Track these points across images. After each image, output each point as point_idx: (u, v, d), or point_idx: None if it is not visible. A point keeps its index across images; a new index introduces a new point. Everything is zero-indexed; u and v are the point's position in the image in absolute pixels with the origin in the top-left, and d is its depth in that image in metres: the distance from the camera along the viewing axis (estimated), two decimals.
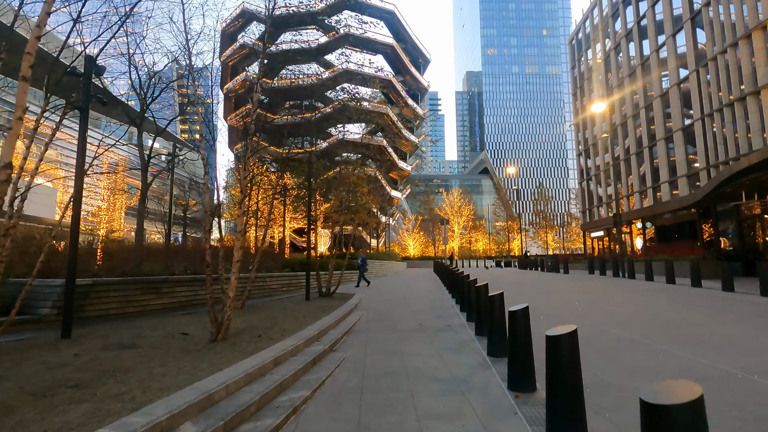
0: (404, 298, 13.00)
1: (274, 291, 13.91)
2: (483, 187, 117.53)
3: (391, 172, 58.98)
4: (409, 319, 8.91)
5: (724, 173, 16.45)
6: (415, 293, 14.66)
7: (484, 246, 64.81)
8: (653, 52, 26.93)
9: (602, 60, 34.25)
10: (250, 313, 9.07)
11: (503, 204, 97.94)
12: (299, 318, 8.35)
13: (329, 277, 13.54)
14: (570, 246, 61.78)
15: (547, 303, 10.81)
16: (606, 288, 14.76)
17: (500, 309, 5.57)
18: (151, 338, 6.17)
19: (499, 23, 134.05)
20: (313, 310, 9.66)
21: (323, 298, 12.74)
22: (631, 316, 8.54)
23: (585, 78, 37.90)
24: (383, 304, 11.83)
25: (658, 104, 26.76)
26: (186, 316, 8.78)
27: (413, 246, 56.92)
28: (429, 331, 7.39)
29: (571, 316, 8.59)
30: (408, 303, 11.82)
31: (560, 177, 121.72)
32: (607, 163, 33.69)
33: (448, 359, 5.43)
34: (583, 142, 38.88)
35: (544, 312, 9.08)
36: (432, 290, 15.54)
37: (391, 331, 7.50)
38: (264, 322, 7.65)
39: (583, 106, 38.68)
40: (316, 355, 5.62)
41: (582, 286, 16.06)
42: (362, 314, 9.76)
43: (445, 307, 10.65)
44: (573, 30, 41.16)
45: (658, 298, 11.42)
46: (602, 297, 12.24)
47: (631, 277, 18.20)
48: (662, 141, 26.12)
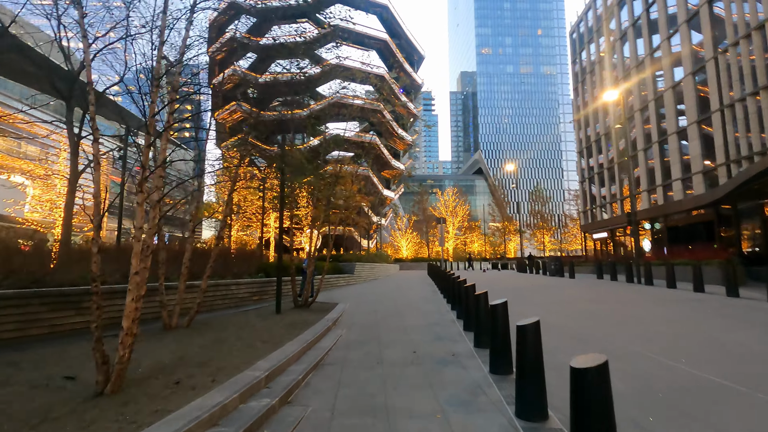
0: (396, 309, 11.01)
1: (243, 301, 11.84)
2: (477, 187, 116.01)
3: (384, 171, 57.07)
4: (400, 341, 6.92)
5: (753, 169, 14.73)
6: (409, 301, 12.68)
7: (479, 247, 63.02)
8: (664, 41, 25.25)
9: (607, 52, 32.62)
10: (192, 335, 7.02)
11: (497, 205, 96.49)
12: (255, 343, 6.33)
13: (307, 284, 11.51)
14: (567, 247, 60.24)
15: (568, 318, 8.88)
16: (629, 297, 12.87)
17: (535, 346, 3.60)
18: (10, 387, 4.11)
19: (494, 22, 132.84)
20: (278, 330, 7.64)
21: (298, 310, 10.71)
22: (683, 339, 6.61)
23: (587, 72, 36.26)
24: (370, 316, 9.82)
25: (669, 96, 25.04)
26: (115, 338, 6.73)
27: (406, 247, 54.97)
28: (427, 365, 5.40)
29: (625, 344, 6.65)
30: (400, 315, 9.83)
31: (555, 178, 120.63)
32: (611, 160, 32.04)
33: (458, 426, 3.45)
34: (584, 139, 37.23)
35: (578, 335, 7.15)
36: (427, 298, 13.56)
37: (376, 365, 5.50)
38: (200, 354, 5.61)
39: (584, 102, 37.05)
40: (257, 417, 3.61)
41: (599, 294, 14.17)
42: (341, 334, 7.75)
43: (445, 322, 8.68)
44: (573, 22, 39.53)
45: (700, 312, 9.54)
46: (631, 310, 10.33)
47: (648, 283, 16.37)
48: (674, 136, 24.43)
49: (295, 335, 7.06)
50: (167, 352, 5.66)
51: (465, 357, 5.76)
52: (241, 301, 11.74)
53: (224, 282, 11.02)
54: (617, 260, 24.23)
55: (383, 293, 15.94)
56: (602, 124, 33.63)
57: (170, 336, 6.94)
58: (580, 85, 37.96)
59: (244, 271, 13.15)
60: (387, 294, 15.48)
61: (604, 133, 33.36)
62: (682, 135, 24.04)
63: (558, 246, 58.47)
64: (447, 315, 9.71)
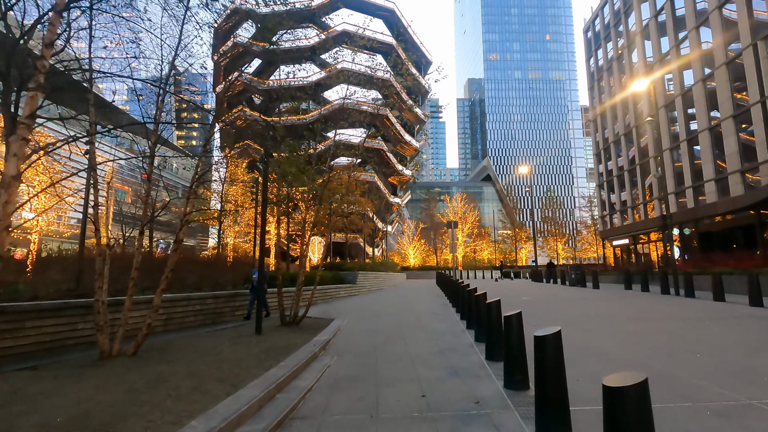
0: (400, 328, 9.24)
1: (222, 316, 10.17)
2: (485, 194, 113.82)
3: (391, 177, 55.51)
4: (404, 378, 5.17)
5: None
6: (416, 317, 10.91)
7: (489, 255, 60.85)
8: (691, 30, 23.41)
9: (626, 48, 30.83)
10: (129, 369, 5.34)
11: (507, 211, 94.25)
12: (207, 383, 4.63)
13: (296, 298, 9.82)
14: (581, 255, 57.82)
15: (615, 342, 7.06)
16: (677, 314, 10.95)
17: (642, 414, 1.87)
18: None
19: (501, 28, 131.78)
20: (248, 359, 5.94)
21: (285, 329, 9.02)
22: None
23: (604, 70, 34.43)
24: (368, 338, 8.08)
25: (699, 90, 23.05)
26: (19, 373, 5.08)
27: (413, 255, 53.06)
28: (442, 422, 3.66)
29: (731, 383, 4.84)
30: (405, 337, 8.07)
31: (566, 184, 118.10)
32: (632, 161, 29.98)
33: None
34: (602, 141, 35.27)
35: (644, 370, 5.33)
36: (437, 313, 11.78)
37: (368, 421, 3.77)
38: (116, 404, 3.91)
39: (601, 102, 35.18)
40: None
41: (639, 309, 12.27)
42: (329, 364, 6.03)
43: (461, 347, 6.92)
44: (587, 19, 37.85)
45: None
46: (692, 333, 8.46)
47: (688, 294, 14.40)
48: (705, 132, 22.44)
49: (266, 368, 5.36)
50: (70, 402, 3.98)
51: (494, 405, 4.01)
52: (219, 316, 10.07)
53: (198, 295, 9.37)
54: (647, 268, 22.17)
55: (387, 306, 14.17)
56: (622, 124, 31.65)
57: (100, 371, 5.27)
58: (596, 84, 36.12)
59: (228, 282, 11.51)
60: (391, 307, 13.71)
61: (623, 134, 31.38)
62: (716, 130, 21.98)
63: (572, 254, 56.09)
64: (462, 336, 7.94)
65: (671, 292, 15.68)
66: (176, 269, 9.80)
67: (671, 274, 15.75)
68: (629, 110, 30.42)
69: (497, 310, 5.99)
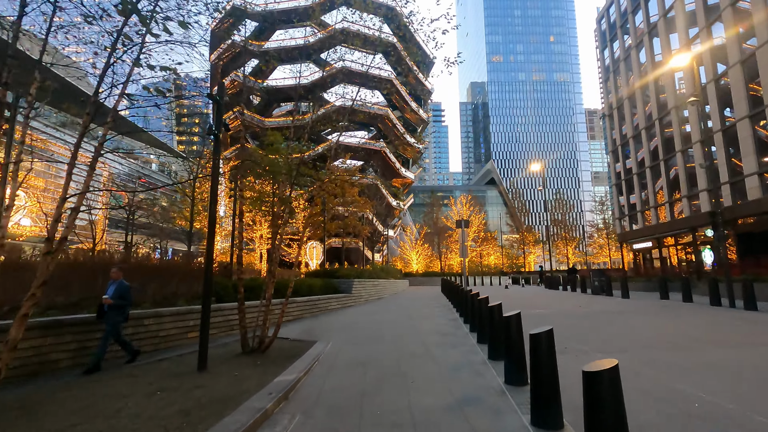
0: (398, 361, 6.82)
1: (167, 340, 7.81)
2: (489, 198, 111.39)
3: (393, 179, 53.29)
4: None
5: None
6: (421, 340, 8.49)
7: (495, 260, 58.21)
8: (726, 8, 21.03)
9: (646, 34, 28.48)
10: None
11: (512, 215, 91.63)
12: None
13: (264, 315, 7.47)
14: (592, 260, 55.14)
15: (719, 386, 4.65)
16: (763, 335, 8.52)
17: None
18: None
19: (504, 30, 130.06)
20: None
21: (243, 360, 6.66)
22: None
23: (621, 60, 32.06)
24: (354, 378, 5.68)
25: (737, 73, 20.57)
26: None
27: (416, 260, 50.57)
28: None
29: None
30: (405, 377, 5.66)
31: (573, 187, 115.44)
32: (654, 154, 27.43)
33: None
34: (618, 136, 32.83)
35: None
36: (447, 332, 9.35)
37: None
38: None
39: (618, 96, 32.80)
40: None
41: (710, 329, 9.84)
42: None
43: (489, 395, 4.52)
44: (601, 8, 35.59)
45: None
46: None
47: (749, 307, 11.93)
48: (745, 121, 19.99)
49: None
50: None
51: None
52: (164, 340, 7.71)
53: (140, 312, 7.03)
54: (687, 274, 19.67)
55: (385, 322, 11.77)
56: (642, 117, 29.17)
57: None
58: (612, 77, 33.74)
59: (181, 295, 9.17)
60: (390, 324, 11.30)
61: (644, 127, 28.91)
62: (757, 118, 19.51)
63: (583, 258, 53.36)
64: (486, 373, 5.53)
65: (723, 303, 13.22)
66: (89, 277, 7.47)
67: (722, 281, 13.29)
68: (651, 101, 27.97)
69: (549, 343, 3.66)
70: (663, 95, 26.89)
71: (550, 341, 3.71)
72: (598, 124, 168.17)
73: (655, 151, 27.77)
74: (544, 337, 3.72)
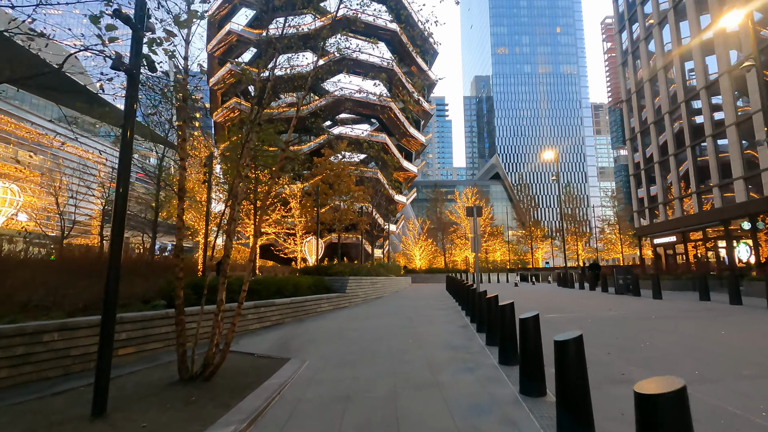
0: (393, 395, 4.74)
1: (86, 360, 5.78)
2: (493, 192, 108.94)
3: (396, 173, 51.25)
4: None
5: None
6: (425, 359, 6.40)
7: (501, 256, 56.01)
8: None
9: (673, 7, 26.09)
10: None
11: (516, 210, 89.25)
12: None
13: (214, 329, 5.44)
14: (604, 256, 52.84)
15: None
16: None
17: None
18: None
19: (509, 21, 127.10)
20: None
21: (173, 392, 4.59)
22: None
23: (641, 39, 29.67)
24: (327, 429, 3.62)
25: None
26: None
27: (420, 257, 48.48)
28: None
29: None
30: (399, 423, 3.60)
31: (580, 182, 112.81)
32: (679, 137, 24.92)
33: None
34: (637, 122, 30.50)
35: None
36: (457, 345, 7.25)
37: None
38: None
39: (637, 78, 30.45)
40: None
41: None
42: None
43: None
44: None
45: None
46: None
47: None
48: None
49: None
50: None
51: None
52: (78, 361, 5.69)
53: (32, 326, 5.01)
54: (730, 270, 17.51)
55: (381, 329, 9.72)
56: (666, 99, 26.77)
57: None
58: (630, 59, 31.37)
59: (133, 297, 7.16)
60: (387, 334, 9.23)
61: (667, 111, 26.52)
62: None
63: (594, 254, 51.10)
64: (523, 421, 3.46)
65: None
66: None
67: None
68: (677, 81, 25.60)
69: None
70: (692, 71, 24.54)
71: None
72: (604, 119, 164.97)
73: (680, 136, 25.47)
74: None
